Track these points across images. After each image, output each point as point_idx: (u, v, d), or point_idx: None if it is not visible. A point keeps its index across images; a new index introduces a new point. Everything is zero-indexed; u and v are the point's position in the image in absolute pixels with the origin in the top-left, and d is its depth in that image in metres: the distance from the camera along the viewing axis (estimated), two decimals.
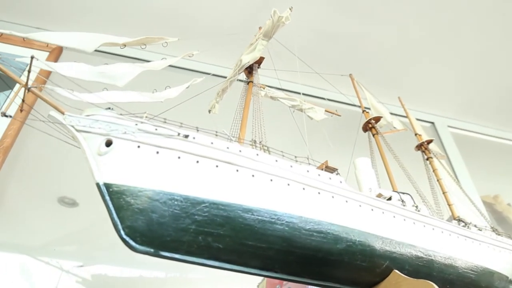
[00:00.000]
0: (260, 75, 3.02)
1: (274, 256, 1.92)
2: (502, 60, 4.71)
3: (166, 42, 2.45)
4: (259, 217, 1.87)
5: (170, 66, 2.47)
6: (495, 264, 2.78)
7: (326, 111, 2.90)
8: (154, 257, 1.77)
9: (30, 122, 1.92)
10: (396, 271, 2.17)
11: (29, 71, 1.80)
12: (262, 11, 2.80)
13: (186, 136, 1.89)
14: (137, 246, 1.72)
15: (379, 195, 2.41)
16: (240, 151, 1.97)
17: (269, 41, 2.68)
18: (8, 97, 3.46)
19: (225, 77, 2.79)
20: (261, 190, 1.93)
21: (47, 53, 3.65)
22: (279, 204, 1.94)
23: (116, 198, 1.73)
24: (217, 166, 1.89)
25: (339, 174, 2.27)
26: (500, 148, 5.43)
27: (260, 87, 2.72)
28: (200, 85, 2.53)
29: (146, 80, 2.27)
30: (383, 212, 2.28)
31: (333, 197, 2.12)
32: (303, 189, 2.04)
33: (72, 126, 1.81)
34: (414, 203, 2.55)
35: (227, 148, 1.95)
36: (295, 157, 2.18)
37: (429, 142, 3.52)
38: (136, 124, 1.86)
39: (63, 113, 1.82)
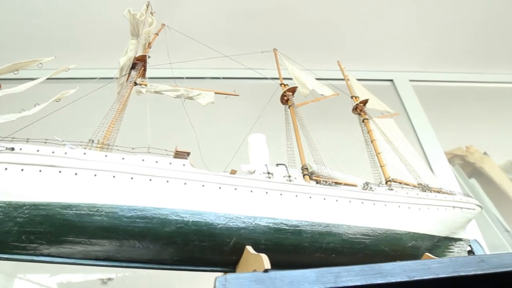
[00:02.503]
0: (166, 69, 3.13)
1: (102, 246, 2.05)
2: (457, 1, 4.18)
3: (40, 63, 2.68)
4: (78, 212, 2.02)
5: (52, 79, 2.69)
6: (406, 224, 2.57)
7: (216, 93, 2.90)
8: None
9: None
10: (248, 247, 2.15)
11: None
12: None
13: (12, 149, 2.10)
14: None
15: (233, 172, 2.39)
16: (65, 153, 2.13)
17: (138, 39, 2.77)
18: None
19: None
20: (83, 186, 2.07)
21: None
22: (101, 196, 2.06)
23: None
24: (40, 170, 2.07)
25: (186, 158, 2.30)
26: (473, 94, 4.81)
27: (141, 84, 2.82)
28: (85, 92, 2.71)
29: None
30: (235, 189, 2.27)
31: (167, 181, 2.17)
32: (132, 178, 2.13)
33: None
34: (288, 173, 2.47)
35: (53, 152, 2.12)
36: (132, 148, 2.27)
37: (364, 102, 3.32)
38: None
39: None
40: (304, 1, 4.04)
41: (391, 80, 4.69)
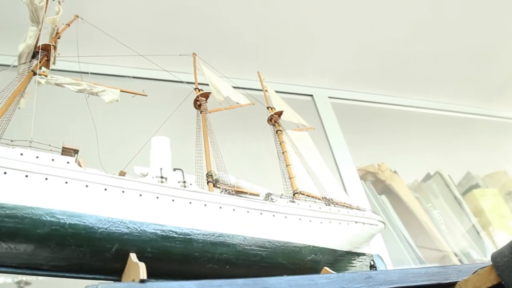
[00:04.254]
0: (75, 63, 2.95)
1: None
2: (381, 25, 4.37)
3: None
4: None
5: None
6: (306, 238, 2.53)
7: (122, 91, 2.76)
8: None
9: None
10: (132, 255, 2.00)
11: None
12: None
13: None
14: None
15: (122, 173, 2.25)
16: None
17: (39, 26, 2.58)
18: None
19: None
20: None
21: None
22: None
23: None
24: None
25: (73, 155, 2.14)
26: (387, 115, 5.06)
27: (41, 74, 2.63)
28: None
29: None
30: (123, 192, 2.13)
31: (46, 179, 1.99)
32: (5, 173, 1.93)
33: None
34: (183, 179, 2.36)
35: None
36: (11, 141, 2.07)
37: (279, 114, 3.30)
38: None
39: None
40: (228, 8, 3.99)
41: (311, 95, 4.75)
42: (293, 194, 2.89)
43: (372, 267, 2.82)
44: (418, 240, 3.88)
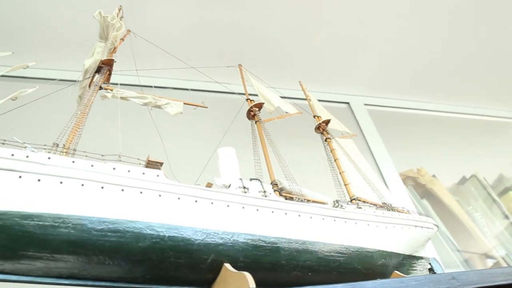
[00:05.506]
0: (131, 76, 2.97)
1: (66, 262, 1.83)
2: (413, 32, 4.50)
3: None
4: (40, 223, 1.79)
5: (10, 77, 2.43)
6: (376, 243, 2.59)
7: (185, 103, 2.79)
8: None
9: None
10: (226, 265, 2.03)
11: None
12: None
13: None
14: None
15: (209, 185, 2.28)
16: (27, 156, 1.90)
17: (106, 42, 2.60)
18: None
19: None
20: (47, 194, 1.85)
21: None
22: (67, 206, 1.85)
23: None
24: None
25: (159, 168, 2.16)
26: (421, 120, 5.20)
27: (107, 88, 2.64)
28: (44, 92, 2.49)
29: None
30: (212, 203, 2.15)
31: (141, 192, 2.01)
32: (102, 188, 1.95)
33: None
34: (263, 189, 2.40)
35: (12, 155, 1.88)
36: (102, 155, 2.08)
37: (327, 122, 3.36)
38: None
39: None
40: (266, 20, 4.07)
41: (348, 103, 4.85)
42: (350, 201, 2.94)
43: (431, 270, 2.88)
44: (462, 243, 3.97)
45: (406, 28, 4.48)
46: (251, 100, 3.19)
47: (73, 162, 1.97)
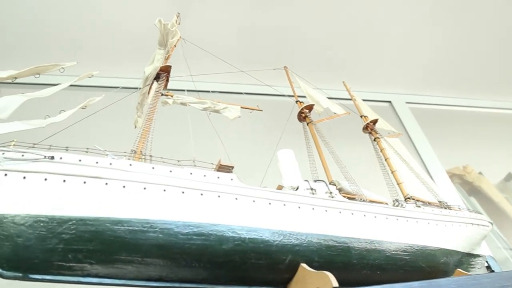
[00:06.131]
0: (182, 82, 3.03)
1: (155, 265, 1.89)
2: (455, 28, 4.49)
3: (62, 68, 2.48)
4: (130, 228, 1.85)
5: (77, 86, 2.50)
6: (437, 241, 2.61)
7: (242, 107, 2.84)
8: (26, 281, 1.80)
9: None
10: (303, 264, 2.08)
11: None
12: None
13: (52, 158, 1.89)
14: (4, 272, 1.74)
15: (280, 187, 2.33)
16: (110, 164, 1.96)
17: (166, 49, 2.66)
18: None
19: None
20: (132, 200, 1.91)
21: None
22: (153, 211, 1.91)
23: None
24: (84, 182, 1.89)
25: (231, 171, 2.21)
26: (464, 116, 5.18)
27: (167, 95, 2.70)
28: (109, 101, 2.55)
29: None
30: (284, 205, 2.20)
31: (219, 196, 2.06)
32: (183, 192, 2.00)
33: None
34: (329, 189, 2.44)
35: (96, 163, 1.94)
36: (178, 161, 2.14)
37: (374, 122, 3.39)
38: (3, 153, 1.89)
39: None
40: (308, 22, 4.11)
41: (389, 102, 4.87)
42: (405, 199, 2.97)
43: (488, 268, 2.90)
44: None
45: (447, 24, 4.47)
46: (300, 102, 3.23)
47: (153, 168, 2.03)
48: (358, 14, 4.23)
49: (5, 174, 1.85)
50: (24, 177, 1.85)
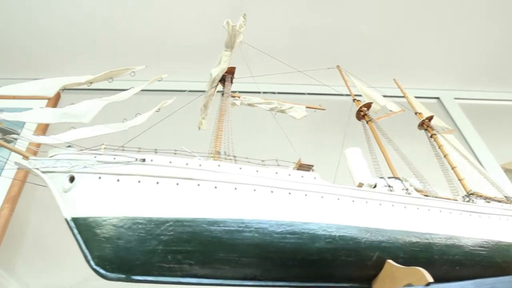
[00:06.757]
0: (242, 83, 3.04)
1: (251, 264, 1.91)
2: (500, 20, 4.45)
3: (133, 72, 2.52)
4: (226, 228, 1.87)
5: (145, 90, 2.53)
6: (510, 236, 2.60)
7: (307, 107, 2.86)
8: (128, 283, 1.83)
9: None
10: (390, 261, 2.09)
11: None
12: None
13: (143, 160, 1.92)
14: (107, 274, 1.77)
15: (360, 185, 2.34)
16: (200, 165, 1.98)
17: (232, 50, 2.68)
18: None
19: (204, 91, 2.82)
20: (226, 200, 1.93)
21: (46, 101, 3.84)
22: (246, 211, 1.93)
23: (83, 231, 1.79)
24: (177, 184, 1.91)
25: (313, 170, 2.22)
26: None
27: (234, 96, 2.73)
28: (177, 104, 2.59)
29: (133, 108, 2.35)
30: (366, 202, 2.21)
31: (306, 195, 2.08)
32: (272, 192, 2.02)
33: (37, 169, 1.90)
34: (404, 186, 2.45)
35: (187, 164, 1.97)
36: (262, 161, 2.16)
37: (430, 118, 3.38)
38: (95, 157, 1.92)
39: (27, 158, 1.91)
40: (358, 20, 4.12)
41: (438, 98, 4.85)
42: (468, 196, 2.95)
43: None
44: None
45: (493, 17, 4.42)
46: (358, 101, 3.23)
47: (240, 168, 2.05)
48: (405, 12, 4.22)
49: (99, 177, 1.88)
50: (118, 180, 1.89)
